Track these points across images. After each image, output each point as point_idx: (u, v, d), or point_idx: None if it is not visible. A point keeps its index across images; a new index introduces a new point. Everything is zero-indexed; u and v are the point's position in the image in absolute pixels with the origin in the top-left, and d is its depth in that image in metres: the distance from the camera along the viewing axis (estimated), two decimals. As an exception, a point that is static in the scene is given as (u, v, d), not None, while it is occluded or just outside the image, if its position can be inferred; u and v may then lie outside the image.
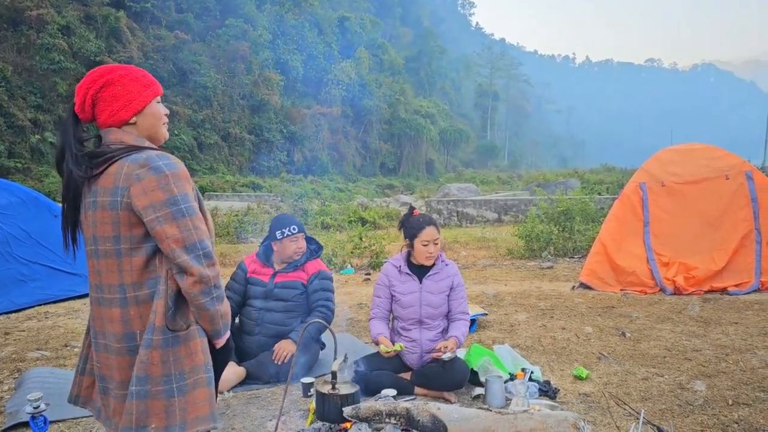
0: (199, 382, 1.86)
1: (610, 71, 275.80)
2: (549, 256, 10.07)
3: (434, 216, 20.01)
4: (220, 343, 1.98)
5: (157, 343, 1.81)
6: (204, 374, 1.88)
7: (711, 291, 6.40)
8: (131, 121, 1.93)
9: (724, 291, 6.36)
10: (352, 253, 10.31)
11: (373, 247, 10.19)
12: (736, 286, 6.35)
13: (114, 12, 34.89)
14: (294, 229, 4.12)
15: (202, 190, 30.70)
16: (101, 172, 1.84)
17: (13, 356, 4.65)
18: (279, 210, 19.80)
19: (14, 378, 4.13)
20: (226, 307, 1.92)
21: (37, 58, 28.58)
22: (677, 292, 6.37)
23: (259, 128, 43.36)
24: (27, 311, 6.29)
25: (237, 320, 4.23)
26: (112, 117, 1.90)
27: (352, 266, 9.40)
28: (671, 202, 6.87)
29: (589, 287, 6.80)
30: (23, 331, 5.49)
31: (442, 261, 3.79)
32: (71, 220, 1.94)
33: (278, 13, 49.42)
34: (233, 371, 3.82)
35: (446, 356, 3.46)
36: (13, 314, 6.20)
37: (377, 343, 3.72)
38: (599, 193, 18.50)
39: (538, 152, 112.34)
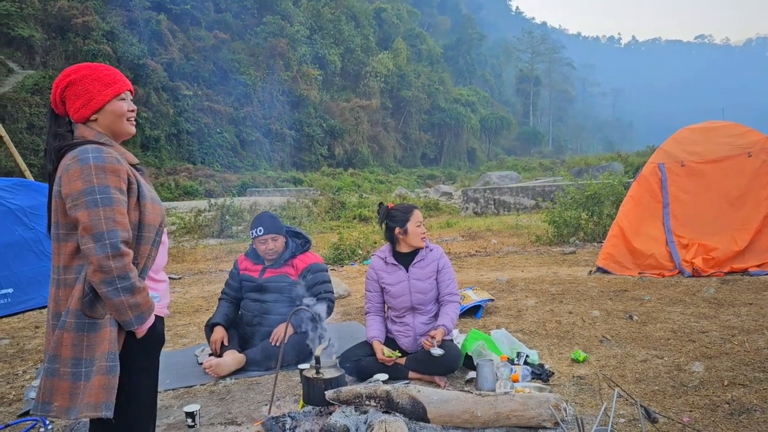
0: (100, 369, 1.91)
1: (657, 50, 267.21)
2: (577, 241, 9.95)
3: (471, 205, 19.91)
4: (140, 333, 2.05)
5: (70, 326, 1.92)
6: (105, 362, 1.91)
7: (731, 272, 6.22)
8: (92, 118, 2.09)
9: (745, 272, 6.17)
10: (375, 244, 10.42)
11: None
12: (757, 266, 6.15)
13: (155, 15, 35.86)
14: (260, 230, 4.07)
15: (244, 186, 31.32)
16: (60, 164, 2.01)
17: (39, 348, 4.94)
18: (317, 204, 20.05)
19: (36, 368, 4.39)
20: (139, 299, 1.95)
21: (84, 65, 29.55)
22: (696, 274, 6.21)
23: (299, 123, 43.88)
24: (59, 306, 6.60)
25: (239, 313, 4.37)
26: (76, 114, 2.08)
27: (377, 256, 9.50)
28: (691, 182, 6.68)
29: (606, 271, 6.71)
30: (53, 324, 5.78)
31: (426, 247, 3.84)
32: (49, 209, 2.10)
33: (315, 8, 49.82)
34: (232, 358, 3.96)
35: (435, 352, 3.49)
36: (46, 309, 6.52)
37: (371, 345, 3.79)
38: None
39: (584, 137, 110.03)
